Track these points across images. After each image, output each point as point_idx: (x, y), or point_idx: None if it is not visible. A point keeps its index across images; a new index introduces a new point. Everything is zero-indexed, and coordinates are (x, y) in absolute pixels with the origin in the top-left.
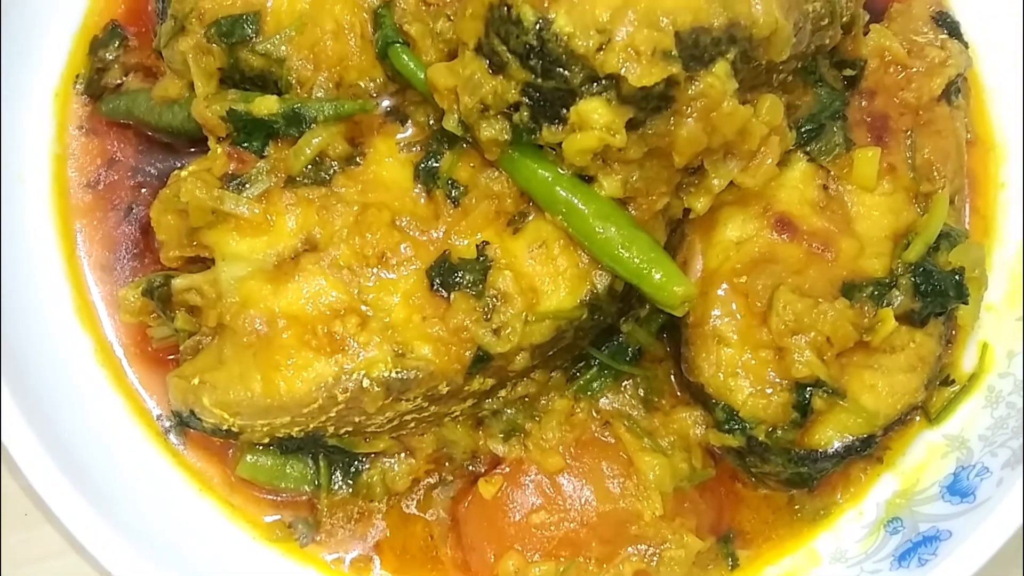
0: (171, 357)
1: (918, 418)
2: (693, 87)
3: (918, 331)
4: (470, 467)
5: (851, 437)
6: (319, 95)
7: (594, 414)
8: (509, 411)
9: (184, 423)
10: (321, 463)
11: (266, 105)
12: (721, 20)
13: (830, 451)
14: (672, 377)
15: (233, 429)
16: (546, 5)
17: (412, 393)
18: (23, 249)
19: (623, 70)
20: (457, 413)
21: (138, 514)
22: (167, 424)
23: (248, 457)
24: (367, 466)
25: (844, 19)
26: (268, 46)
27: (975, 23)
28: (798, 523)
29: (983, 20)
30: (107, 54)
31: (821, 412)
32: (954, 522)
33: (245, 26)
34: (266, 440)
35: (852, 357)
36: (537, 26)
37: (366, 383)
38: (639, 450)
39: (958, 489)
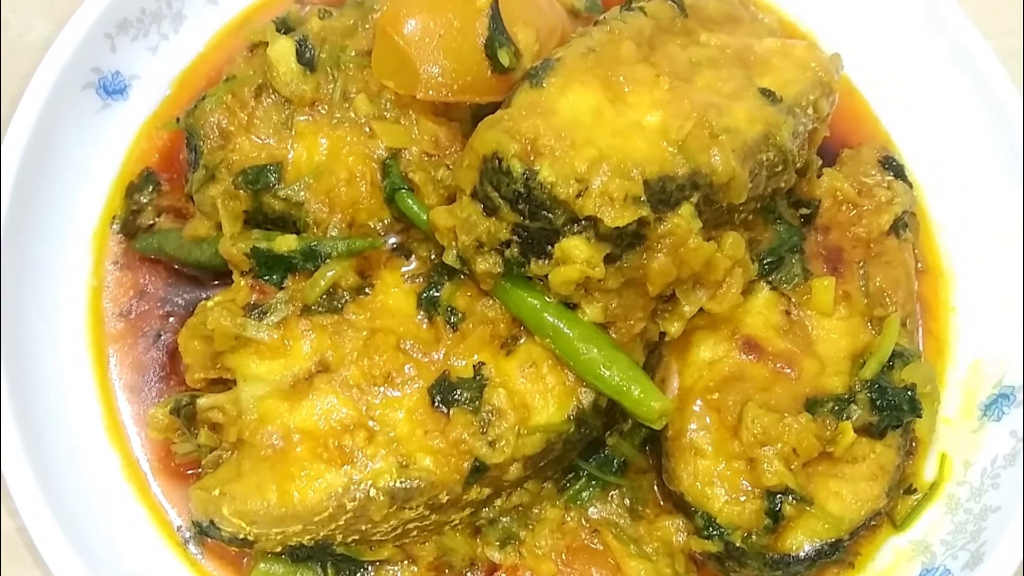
0: (191, 472)
1: (885, 524)
2: (662, 226)
3: (878, 442)
4: (468, 574)
5: (820, 541)
6: (333, 234)
7: (584, 522)
8: (504, 520)
9: (204, 533)
10: (329, 571)
11: (286, 243)
12: (684, 170)
13: (801, 555)
14: (655, 487)
15: (249, 538)
16: (532, 158)
17: (415, 502)
18: (59, 372)
19: (599, 213)
20: (456, 521)
21: None
22: (187, 534)
23: (261, 566)
24: (372, 574)
25: (798, 165)
26: (289, 192)
27: (921, 166)
28: None
29: (928, 163)
30: (142, 197)
31: (791, 518)
32: None
33: (269, 175)
34: (279, 549)
35: (818, 467)
36: (525, 176)
37: (373, 492)
38: (626, 556)
39: None
